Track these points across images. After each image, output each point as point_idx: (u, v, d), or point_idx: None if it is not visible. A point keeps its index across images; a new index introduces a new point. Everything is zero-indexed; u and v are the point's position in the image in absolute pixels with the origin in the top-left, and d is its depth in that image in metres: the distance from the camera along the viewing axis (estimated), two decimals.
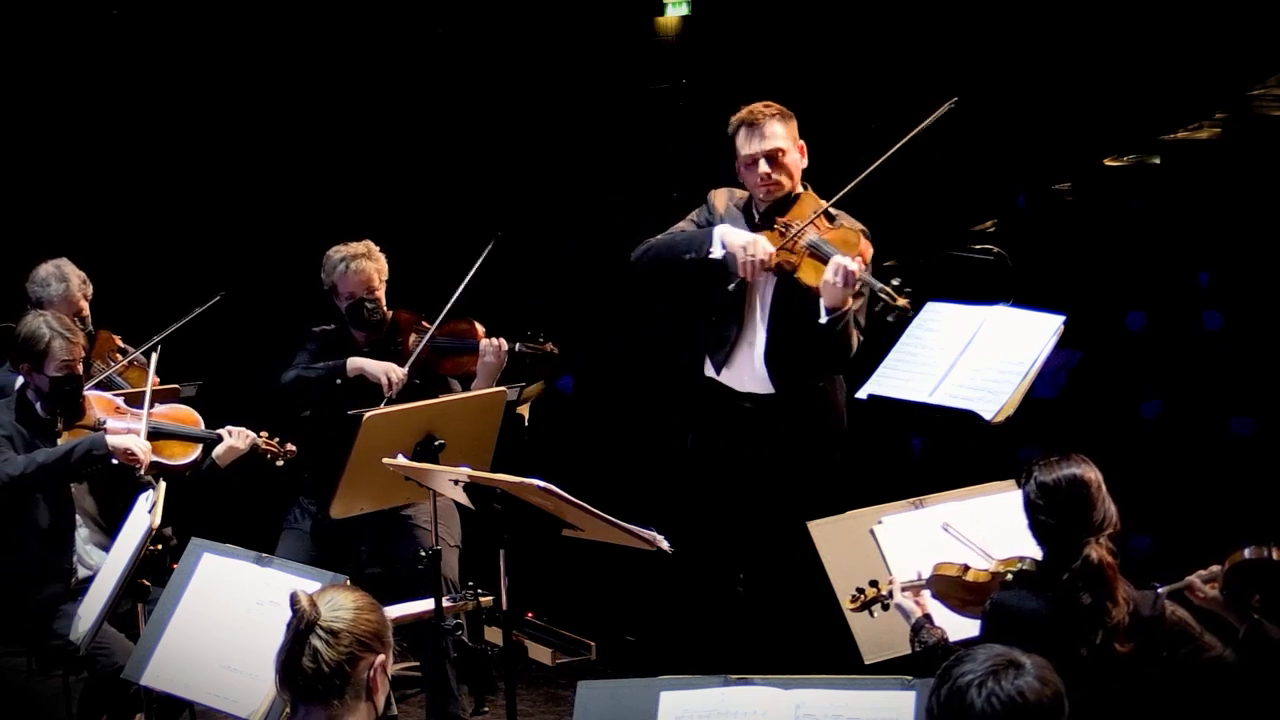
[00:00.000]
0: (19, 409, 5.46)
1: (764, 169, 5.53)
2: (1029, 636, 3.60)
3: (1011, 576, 4.30)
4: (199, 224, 8.28)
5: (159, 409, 5.70)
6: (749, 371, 5.62)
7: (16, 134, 7.94)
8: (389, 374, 5.97)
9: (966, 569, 4.44)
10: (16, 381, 5.62)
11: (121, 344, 6.41)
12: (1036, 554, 4.26)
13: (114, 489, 5.50)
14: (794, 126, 5.57)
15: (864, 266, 5.35)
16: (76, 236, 7.14)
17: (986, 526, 4.69)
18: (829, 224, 5.49)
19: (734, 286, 5.47)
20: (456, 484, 4.74)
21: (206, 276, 6.70)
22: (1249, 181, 7.79)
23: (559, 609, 7.11)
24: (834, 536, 4.88)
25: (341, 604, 3.20)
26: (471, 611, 5.39)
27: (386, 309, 6.13)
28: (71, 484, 5.48)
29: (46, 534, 5.41)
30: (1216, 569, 4.34)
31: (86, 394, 5.58)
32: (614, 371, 8.39)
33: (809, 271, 5.41)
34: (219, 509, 5.98)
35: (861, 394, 5.21)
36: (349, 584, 3.83)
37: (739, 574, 5.73)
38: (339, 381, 5.94)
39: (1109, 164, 8.49)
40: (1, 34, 7.91)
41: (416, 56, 8.57)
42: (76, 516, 5.51)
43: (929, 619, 4.44)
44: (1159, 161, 8.38)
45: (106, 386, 6.05)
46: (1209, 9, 8.11)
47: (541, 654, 6.91)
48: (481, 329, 6.13)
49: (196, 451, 5.67)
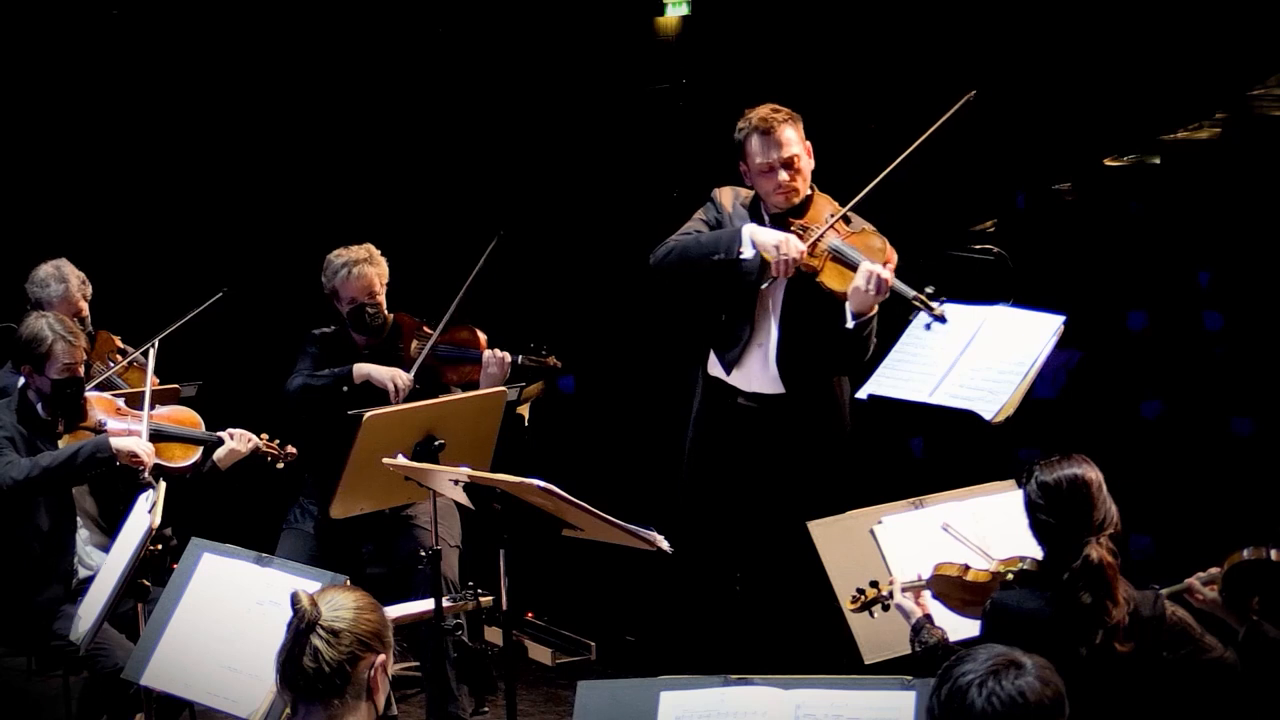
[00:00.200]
0: (20, 409, 5.46)
1: (783, 177, 5.48)
2: (1029, 636, 3.60)
3: (1012, 576, 4.30)
4: (198, 224, 8.27)
5: (160, 410, 5.71)
6: (759, 371, 5.60)
7: (16, 134, 7.94)
8: (396, 380, 5.96)
9: (967, 569, 4.44)
10: (18, 382, 5.62)
11: (121, 344, 6.41)
12: (1036, 554, 4.26)
13: (114, 490, 5.50)
14: (801, 128, 5.54)
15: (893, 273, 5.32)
16: (76, 237, 7.14)
17: (986, 526, 4.69)
18: (847, 226, 5.46)
19: (766, 285, 5.44)
20: (456, 484, 4.74)
21: (206, 277, 6.70)
22: (1249, 181, 7.79)
23: (559, 609, 7.11)
24: (834, 536, 4.88)
25: (342, 604, 3.20)
26: (471, 611, 5.39)
27: (387, 312, 6.13)
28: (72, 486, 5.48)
29: (47, 536, 5.41)
30: (1215, 571, 4.34)
31: (87, 395, 5.58)
32: (614, 371, 8.39)
33: (833, 276, 5.37)
34: (219, 509, 5.98)
35: (861, 394, 5.20)
36: (349, 584, 3.83)
37: (738, 574, 5.73)
38: (345, 389, 5.94)
39: (1109, 164, 8.48)
40: (1, 34, 7.91)
41: (416, 56, 8.57)
42: (77, 518, 5.52)
43: (929, 619, 4.44)
44: (1159, 161, 8.38)
45: (106, 387, 6.04)
46: (1209, 9, 8.11)
47: (541, 654, 6.91)
48: (484, 337, 6.13)
49: (197, 454, 5.67)
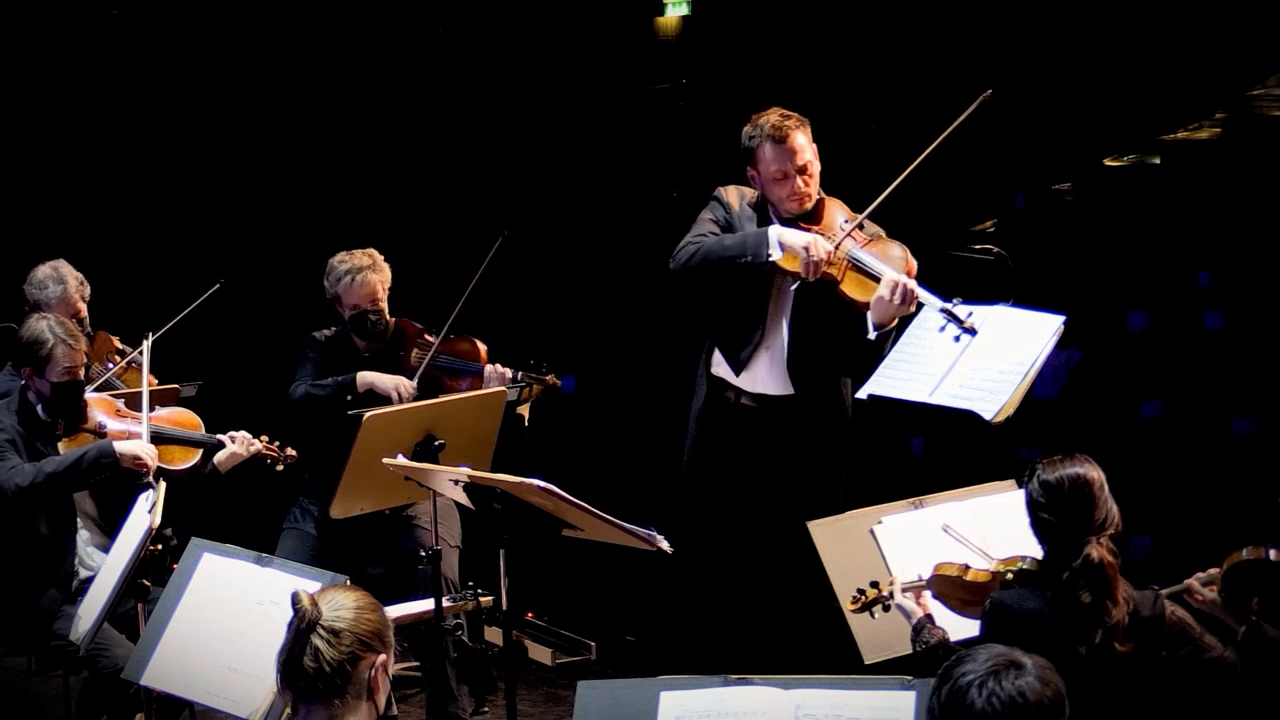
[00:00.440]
0: (20, 411, 5.45)
1: (798, 184, 5.46)
2: (1029, 636, 3.60)
3: (1012, 576, 4.30)
4: (198, 224, 8.27)
5: (160, 412, 5.70)
6: (766, 373, 5.59)
7: (16, 134, 7.94)
8: (399, 389, 5.96)
9: (967, 569, 4.44)
10: (18, 384, 5.61)
11: (119, 345, 6.40)
12: (1036, 554, 4.26)
13: (113, 490, 5.49)
14: (810, 132, 5.52)
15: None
16: (73, 236, 7.14)
17: (986, 526, 4.69)
18: (862, 233, 5.43)
19: (796, 286, 5.42)
20: (456, 484, 4.74)
21: (206, 276, 6.68)
22: (1249, 181, 7.79)
23: (559, 609, 7.11)
24: (834, 536, 4.88)
25: (343, 604, 3.21)
26: (471, 611, 5.39)
27: (389, 317, 6.13)
28: None
29: (48, 540, 5.40)
30: (1215, 571, 4.34)
31: (87, 396, 5.57)
32: (614, 371, 8.39)
33: (854, 286, 5.35)
34: (219, 509, 5.98)
35: (861, 394, 5.19)
36: (349, 584, 3.83)
37: (738, 574, 5.72)
38: (349, 398, 5.94)
39: (1109, 164, 8.49)
40: (1, 33, 7.92)
41: (415, 56, 8.57)
42: (77, 519, 5.51)
43: (930, 619, 4.44)
44: (1159, 161, 8.38)
45: (105, 389, 6.03)
46: (1209, 9, 8.11)
47: (541, 654, 6.91)
48: (484, 349, 6.13)
49: (196, 456, 5.66)
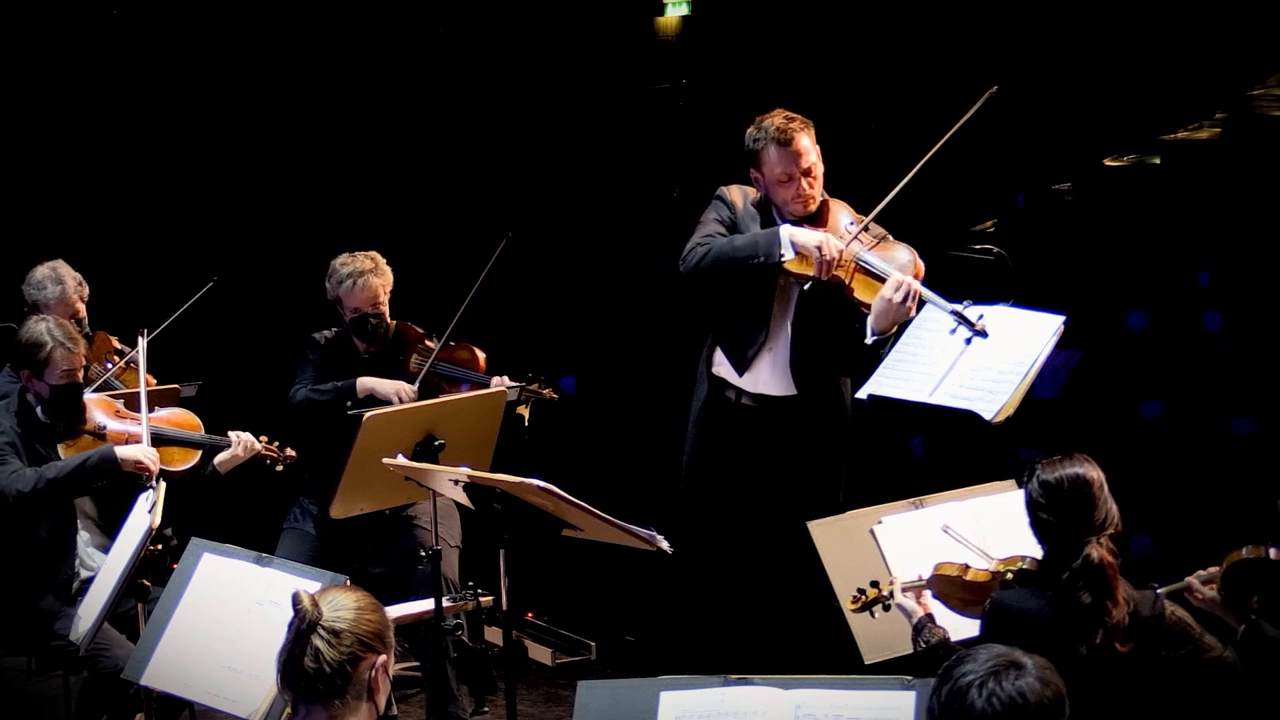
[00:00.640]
0: (20, 413, 5.44)
1: (803, 186, 5.45)
2: (1028, 636, 3.59)
3: (1011, 576, 4.30)
4: (200, 225, 8.27)
5: (159, 413, 5.68)
6: (768, 373, 5.58)
7: (15, 134, 7.94)
8: (400, 394, 5.96)
9: (966, 569, 4.44)
10: (17, 385, 5.60)
11: (118, 345, 6.39)
12: (1036, 554, 4.26)
13: (113, 490, 5.49)
14: (814, 133, 5.50)
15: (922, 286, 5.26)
16: (73, 237, 7.14)
17: (986, 526, 4.69)
18: (868, 235, 5.42)
19: (809, 286, 5.41)
20: (456, 484, 4.74)
21: (207, 277, 6.68)
22: (1249, 181, 7.80)
23: (559, 609, 7.11)
24: (834, 536, 4.88)
25: (343, 604, 3.21)
26: (471, 611, 5.39)
27: (390, 320, 6.13)
28: None
29: (48, 544, 5.39)
30: (1215, 570, 4.34)
31: (86, 397, 5.56)
32: (615, 371, 8.39)
33: (863, 288, 5.34)
34: (219, 509, 5.98)
35: (861, 394, 5.19)
36: (350, 584, 3.83)
37: (738, 573, 5.72)
38: (349, 404, 5.94)
39: (1109, 164, 8.49)
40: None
41: (415, 56, 8.57)
42: (77, 521, 5.50)
43: (931, 619, 4.43)
44: (1159, 161, 8.39)
45: (104, 389, 6.02)
46: (1209, 9, 8.11)
47: (541, 654, 6.90)
48: (483, 357, 6.13)
49: (195, 458, 5.65)
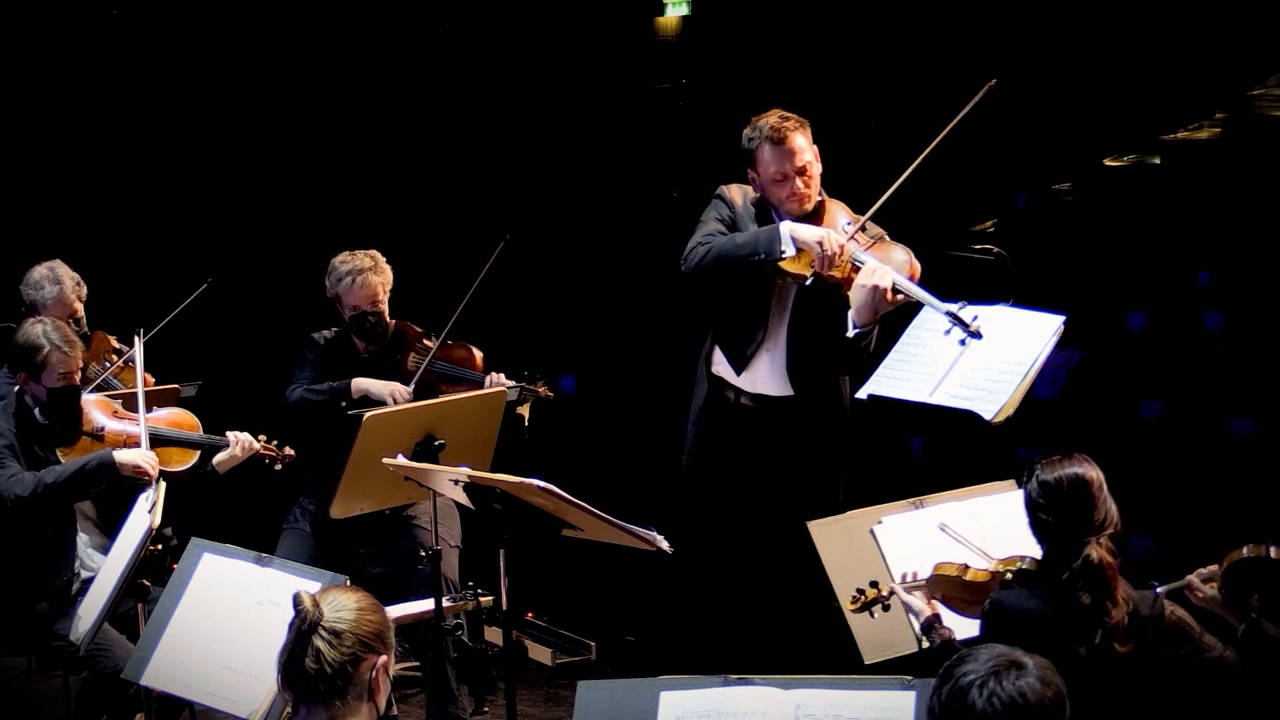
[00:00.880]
0: (17, 415, 5.42)
1: (798, 185, 5.46)
2: (1028, 636, 3.59)
3: (1011, 576, 4.29)
4: (197, 224, 8.27)
5: (158, 413, 5.67)
6: (766, 373, 5.58)
7: (14, 134, 7.94)
8: (395, 395, 5.95)
9: (966, 569, 4.44)
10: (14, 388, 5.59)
11: (116, 345, 6.37)
12: (1036, 554, 4.26)
13: (113, 491, 5.48)
14: (810, 133, 5.51)
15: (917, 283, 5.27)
16: (72, 237, 7.14)
17: (986, 526, 4.69)
18: (865, 235, 5.42)
19: (811, 283, 5.40)
20: (456, 484, 4.74)
21: (205, 276, 6.68)
22: (1249, 181, 7.80)
23: (559, 609, 7.11)
24: (834, 536, 4.88)
25: (344, 604, 3.20)
26: (471, 611, 5.39)
27: (389, 319, 6.13)
28: None
29: (48, 547, 5.39)
30: (1215, 568, 4.34)
31: (85, 397, 5.55)
32: (615, 371, 8.39)
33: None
34: (219, 509, 5.98)
35: (861, 394, 5.18)
36: (350, 584, 3.83)
37: (738, 573, 5.72)
38: (344, 404, 5.94)
39: (1109, 164, 8.49)
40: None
41: (416, 56, 8.57)
42: (76, 522, 5.49)
43: (938, 619, 4.42)
44: (1159, 161, 8.39)
45: (102, 389, 6.02)
46: (1209, 9, 8.11)
47: (541, 654, 6.90)
48: (480, 356, 6.13)
49: (194, 458, 5.64)
